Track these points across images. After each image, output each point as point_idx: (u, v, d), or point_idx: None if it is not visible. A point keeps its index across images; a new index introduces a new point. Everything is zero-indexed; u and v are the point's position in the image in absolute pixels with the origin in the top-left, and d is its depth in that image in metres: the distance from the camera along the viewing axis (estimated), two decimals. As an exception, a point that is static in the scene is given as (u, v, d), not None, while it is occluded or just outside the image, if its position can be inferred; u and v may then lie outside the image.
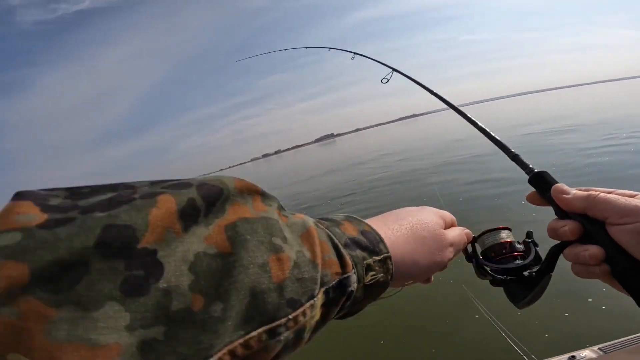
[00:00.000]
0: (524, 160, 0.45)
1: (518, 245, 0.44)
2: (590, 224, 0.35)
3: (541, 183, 0.40)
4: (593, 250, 0.33)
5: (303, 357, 0.46)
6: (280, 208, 0.27)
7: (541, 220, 0.47)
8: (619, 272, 0.33)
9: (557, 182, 0.39)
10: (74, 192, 0.20)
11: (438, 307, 2.85)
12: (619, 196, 0.34)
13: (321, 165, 22.22)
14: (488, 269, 0.43)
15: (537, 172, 0.41)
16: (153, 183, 0.22)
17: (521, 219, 3.96)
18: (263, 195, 0.26)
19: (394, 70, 1.05)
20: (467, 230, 0.45)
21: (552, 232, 0.37)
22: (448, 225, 0.42)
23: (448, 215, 0.42)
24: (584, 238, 0.35)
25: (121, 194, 0.20)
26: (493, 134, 0.52)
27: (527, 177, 0.42)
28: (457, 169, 8.58)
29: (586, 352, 1.04)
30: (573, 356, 1.04)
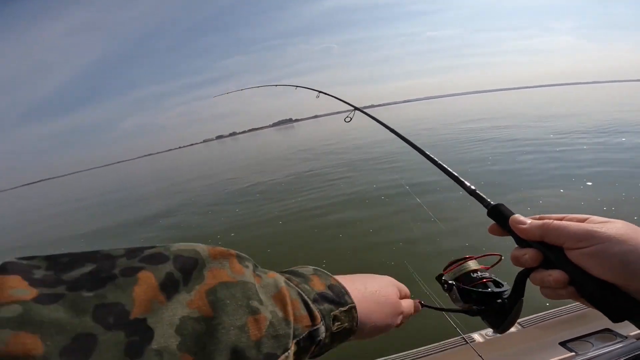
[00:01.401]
0: (481, 194, 0.47)
1: (484, 273, 0.48)
2: (549, 251, 0.37)
3: (499, 215, 0.43)
4: (556, 275, 0.35)
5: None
6: (255, 267, 0.30)
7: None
8: (587, 293, 0.35)
9: (513, 214, 0.41)
10: (54, 263, 0.22)
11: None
12: (571, 222, 0.36)
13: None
14: (473, 294, 0.46)
15: (494, 206, 0.44)
16: (129, 252, 0.24)
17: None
18: (238, 257, 0.29)
19: (356, 108, 1.13)
20: (417, 302, 0.50)
21: (515, 260, 0.40)
22: (402, 296, 0.47)
23: (404, 289, 0.48)
24: (547, 263, 0.37)
25: (101, 268, 0.22)
26: (451, 170, 0.54)
27: (486, 209, 0.45)
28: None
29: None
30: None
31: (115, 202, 13.64)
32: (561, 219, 0.38)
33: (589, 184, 4.91)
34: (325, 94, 1.51)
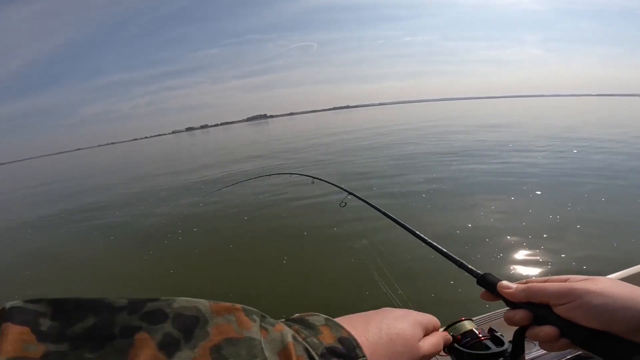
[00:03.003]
0: (469, 266, 0.52)
1: (480, 332, 0.49)
2: (538, 309, 0.41)
3: (487, 283, 0.47)
4: (547, 330, 0.40)
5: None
6: (262, 318, 0.30)
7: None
8: (579, 341, 0.39)
9: (500, 280, 0.46)
10: (60, 311, 0.22)
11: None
12: (552, 283, 0.41)
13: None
14: (476, 357, 0.47)
15: (482, 275, 0.48)
16: (131, 304, 0.24)
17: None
18: (245, 311, 0.29)
19: (350, 193, 1.20)
20: (447, 335, 0.47)
21: (509, 321, 0.43)
22: (429, 331, 0.43)
23: (431, 322, 0.44)
24: (539, 319, 0.41)
25: (102, 324, 0.23)
26: (440, 247, 0.60)
27: (475, 279, 0.49)
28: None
29: None
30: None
31: (55, 191, 12.56)
32: (544, 281, 0.43)
33: (538, 192, 4.93)
34: (320, 179, 1.61)
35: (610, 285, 0.38)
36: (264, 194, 6.43)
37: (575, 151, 8.10)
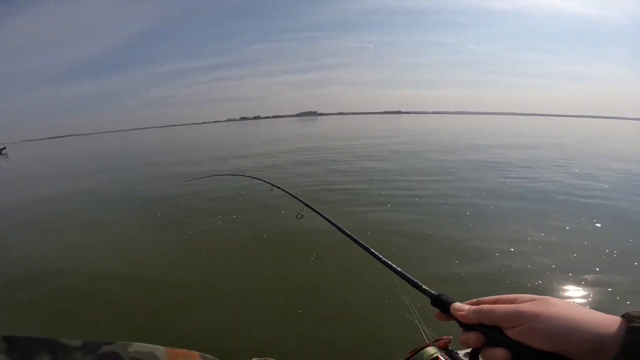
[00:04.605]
0: (423, 286, 0.53)
1: (444, 356, 0.57)
2: (490, 331, 0.41)
3: (441, 304, 0.48)
4: (499, 353, 0.39)
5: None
6: None
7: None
8: None
9: (454, 301, 0.47)
10: (13, 348, 0.22)
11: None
12: (502, 305, 0.41)
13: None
14: None
15: (437, 295, 0.49)
16: (85, 346, 0.24)
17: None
18: (202, 357, 0.29)
19: (306, 205, 1.26)
20: None
21: (464, 343, 0.44)
22: None
23: None
24: (492, 341, 0.41)
25: (59, 358, 0.22)
26: (394, 266, 0.60)
27: (430, 299, 0.50)
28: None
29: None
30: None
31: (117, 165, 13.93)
32: (495, 301, 0.44)
33: (598, 225, 4.44)
34: (278, 187, 1.65)
35: (560, 306, 0.38)
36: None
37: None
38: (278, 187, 1.65)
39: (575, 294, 2.81)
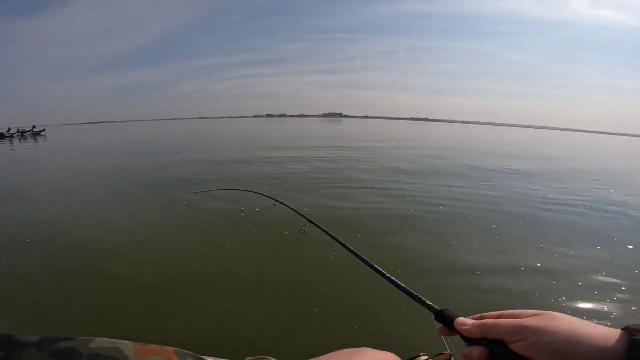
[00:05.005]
0: (427, 302, 0.54)
1: None
2: (494, 345, 0.42)
3: (445, 319, 0.49)
4: None
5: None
6: None
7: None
8: None
9: (457, 316, 0.47)
10: None
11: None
12: (505, 320, 0.42)
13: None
14: None
15: (439, 310, 0.50)
16: (42, 341, 0.23)
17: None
18: (177, 353, 0.27)
19: (310, 221, 1.25)
20: None
21: (467, 358, 0.44)
22: None
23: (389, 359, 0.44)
24: (496, 355, 0.41)
25: (10, 354, 0.22)
26: (398, 282, 0.61)
27: (433, 315, 0.51)
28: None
29: None
30: None
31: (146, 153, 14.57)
32: (498, 316, 0.44)
33: (630, 246, 4.21)
34: (282, 203, 1.64)
35: (563, 320, 0.38)
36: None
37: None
38: (281, 203, 1.64)
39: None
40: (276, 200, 1.73)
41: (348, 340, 2.24)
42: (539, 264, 3.51)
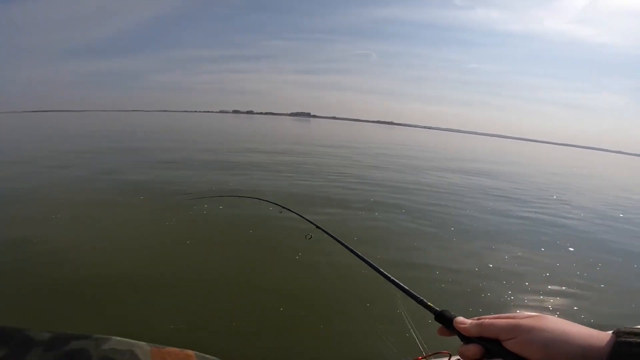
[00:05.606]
0: (428, 303, 0.56)
1: None
2: (489, 344, 0.45)
3: (444, 319, 0.52)
4: None
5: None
6: None
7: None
8: None
9: (456, 316, 0.51)
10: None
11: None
12: (502, 319, 0.45)
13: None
14: None
15: (440, 311, 0.53)
16: (51, 340, 0.22)
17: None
18: (198, 357, 0.26)
19: (317, 226, 1.25)
20: None
21: (462, 355, 0.47)
22: None
23: None
24: (490, 354, 0.44)
25: (13, 352, 0.21)
26: (402, 284, 0.64)
27: (434, 315, 0.54)
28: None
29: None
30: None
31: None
32: (495, 318, 0.46)
33: (571, 249, 4.71)
34: (288, 209, 1.63)
35: (554, 321, 0.42)
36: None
37: (621, 215, 7.57)
38: (288, 209, 1.62)
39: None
40: (283, 207, 1.70)
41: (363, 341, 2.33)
42: (491, 265, 3.82)
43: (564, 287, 3.43)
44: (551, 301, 3.16)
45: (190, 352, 0.25)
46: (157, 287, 2.87)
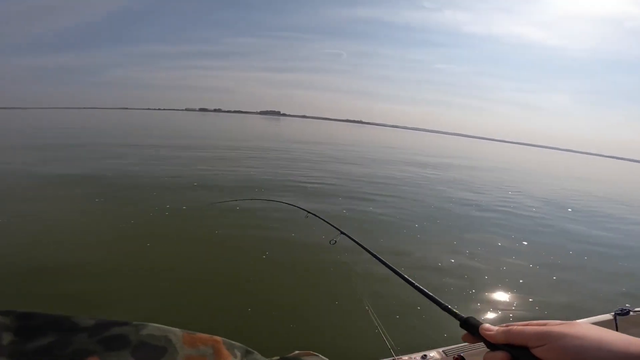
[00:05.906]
0: (454, 309, 0.56)
1: None
2: (517, 351, 0.43)
3: (470, 326, 0.51)
4: None
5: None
6: (247, 354, 0.28)
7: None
8: None
9: (481, 323, 0.50)
10: (25, 325, 0.22)
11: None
12: (531, 326, 0.43)
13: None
14: None
15: (466, 318, 0.52)
16: (96, 327, 0.23)
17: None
18: (225, 344, 0.27)
19: (342, 232, 1.22)
20: None
21: None
22: None
23: None
24: None
25: (58, 344, 0.22)
26: (427, 291, 0.63)
27: (459, 322, 0.53)
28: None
29: (433, 353, 1.33)
30: (424, 355, 1.31)
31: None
32: (524, 325, 0.45)
33: (525, 243, 5.08)
34: (314, 215, 1.60)
35: (585, 328, 0.40)
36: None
37: (569, 210, 8.28)
38: (314, 214, 1.59)
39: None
40: (309, 212, 1.65)
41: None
42: (452, 260, 4.03)
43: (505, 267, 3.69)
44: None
45: (218, 338, 0.26)
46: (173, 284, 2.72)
